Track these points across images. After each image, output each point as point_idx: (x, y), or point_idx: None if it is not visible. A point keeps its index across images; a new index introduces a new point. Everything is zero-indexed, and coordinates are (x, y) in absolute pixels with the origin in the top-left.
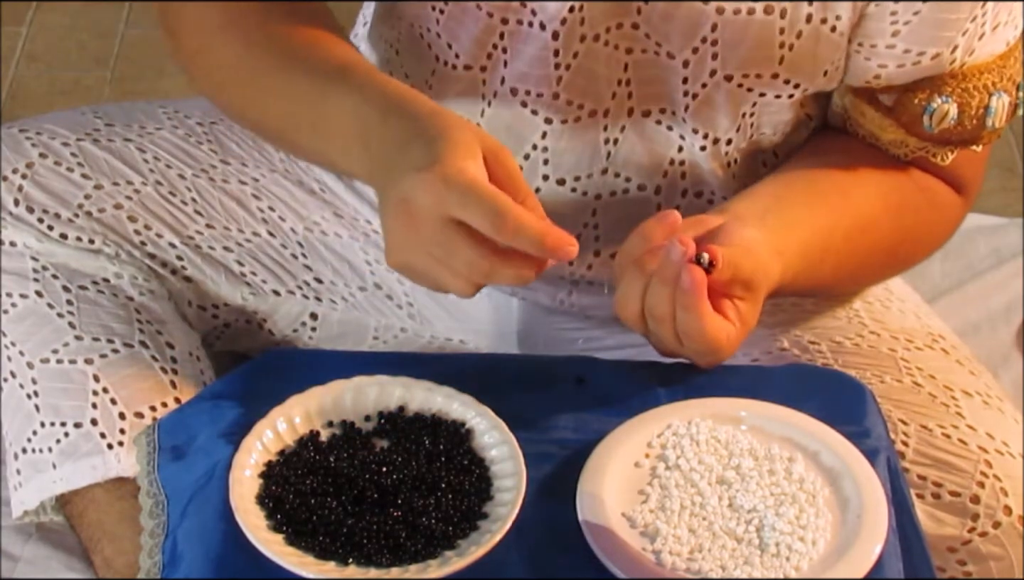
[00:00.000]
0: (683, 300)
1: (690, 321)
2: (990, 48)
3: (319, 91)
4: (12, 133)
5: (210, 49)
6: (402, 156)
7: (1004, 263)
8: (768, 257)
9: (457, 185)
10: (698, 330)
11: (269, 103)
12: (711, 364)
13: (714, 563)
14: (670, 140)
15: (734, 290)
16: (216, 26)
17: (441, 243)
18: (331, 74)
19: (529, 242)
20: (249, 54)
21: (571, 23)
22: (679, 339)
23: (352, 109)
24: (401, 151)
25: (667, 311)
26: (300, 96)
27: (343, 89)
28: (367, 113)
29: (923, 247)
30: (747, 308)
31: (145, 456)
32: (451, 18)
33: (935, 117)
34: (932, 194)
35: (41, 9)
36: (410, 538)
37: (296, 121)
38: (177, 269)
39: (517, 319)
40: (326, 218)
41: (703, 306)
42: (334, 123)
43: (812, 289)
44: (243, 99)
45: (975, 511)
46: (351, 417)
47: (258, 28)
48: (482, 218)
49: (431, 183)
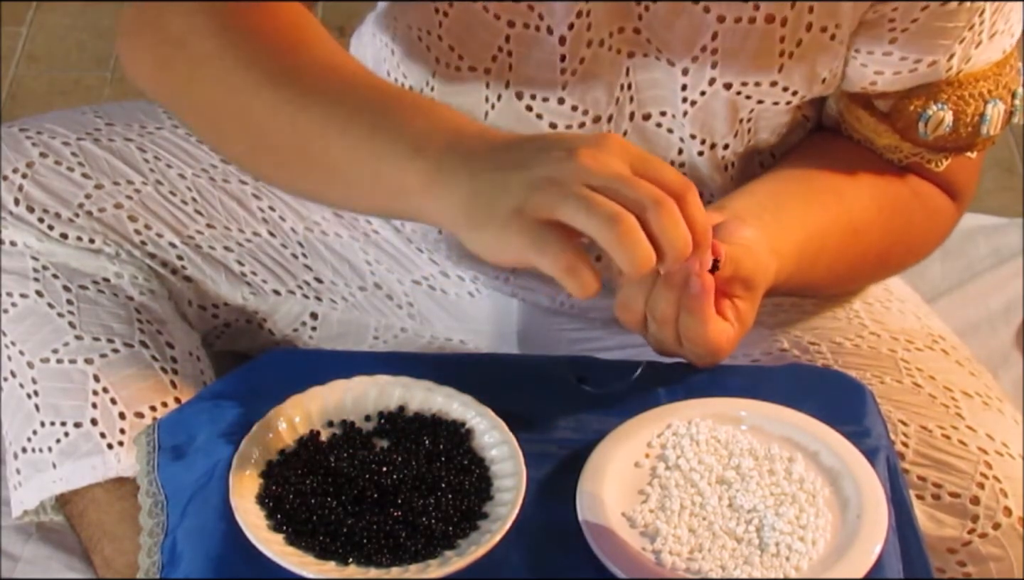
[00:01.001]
0: (689, 304)
1: (694, 325)
2: (987, 56)
3: (365, 153)
4: (12, 132)
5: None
6: (509, 163)
7: (1004, 263)
8: (766, 257)
9: (633, 149)
10: (701, 334)
11: (321, 180)
12: (709, 365)
13: (714, 563)
14: (670, 142)
15: (734, 289)
16: (213, 30)
17: (622, 177)
18: (365, 125)
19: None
20: (256, 82)
21: (578, 28)
22: (679, 341)
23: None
24: (498, 165)
25: (671, 314)
26: (346, 164)
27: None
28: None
29: (914, 252)
30: (746, 307)
31: (145, 456)
32: (456, 20)
33: (930, 124)
34: (925, 199)
35: (41, 9)
36: (410, 538)
37: (358, 193)
38: (177, 269)
39: (517, 319)
40: (326, 218)
41: (708, 311)
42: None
43: (804, 289)
44: (290, 176)
45: (975, 512)
46: (351, 417)
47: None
48: (662, 170)
49: (601, 153)
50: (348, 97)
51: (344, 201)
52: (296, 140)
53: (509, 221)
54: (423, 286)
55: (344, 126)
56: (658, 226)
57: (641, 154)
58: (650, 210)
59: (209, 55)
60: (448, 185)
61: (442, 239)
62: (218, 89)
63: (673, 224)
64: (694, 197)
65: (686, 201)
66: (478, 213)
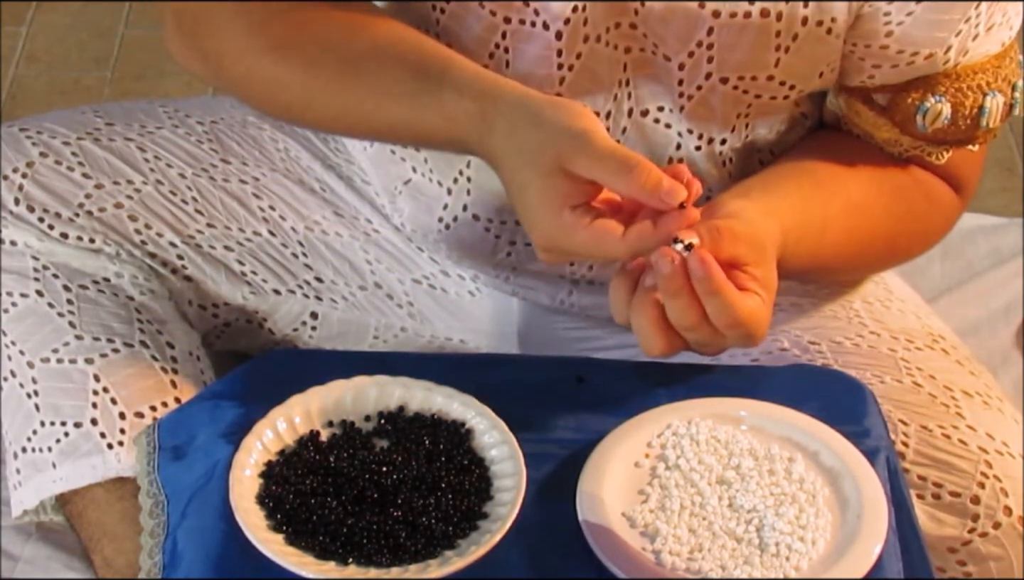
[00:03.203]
0: (705, 287)
1: (722, 306)
2: (984, 48)
3: (405, 109)
4: (12, 132)
5: (260, 74)
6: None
7: (1004, 263)
8: (759, 217)
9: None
10: (732, 311)
11: (352, 123)
12: (757, 342)
13: (714, 563)
14: (668, 138)
15: (741, 257)
16: (261, 49)
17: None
18: (412, 80)
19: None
20: (313, 74)
21: (574, 23)
22: (718, 333)
23: (442, 124)
24: (521, 153)
25: (696, 315)
26: (383, 113)
27: (427, 101)
28: (459, 120)
29: (921, 238)
30: (763, 273)
31: (145, 456)
32: (452, 17)
33: (928, 117)
34: (927, 187)
35: (41, 9)
36: (410, 538)
37: (386, 133)
38: (177, 268)
39: (517, 319)
40: (327, 217)
41: (727, 286)
42: (429, 135)
43: (816, 265)
44: (319, 120)
45: (975, 511)
46: (351, 417)
47: (309, 39)
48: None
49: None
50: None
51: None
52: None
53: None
54: (423, 285)
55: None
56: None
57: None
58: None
59: (250, 74)
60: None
61: (442, 238)
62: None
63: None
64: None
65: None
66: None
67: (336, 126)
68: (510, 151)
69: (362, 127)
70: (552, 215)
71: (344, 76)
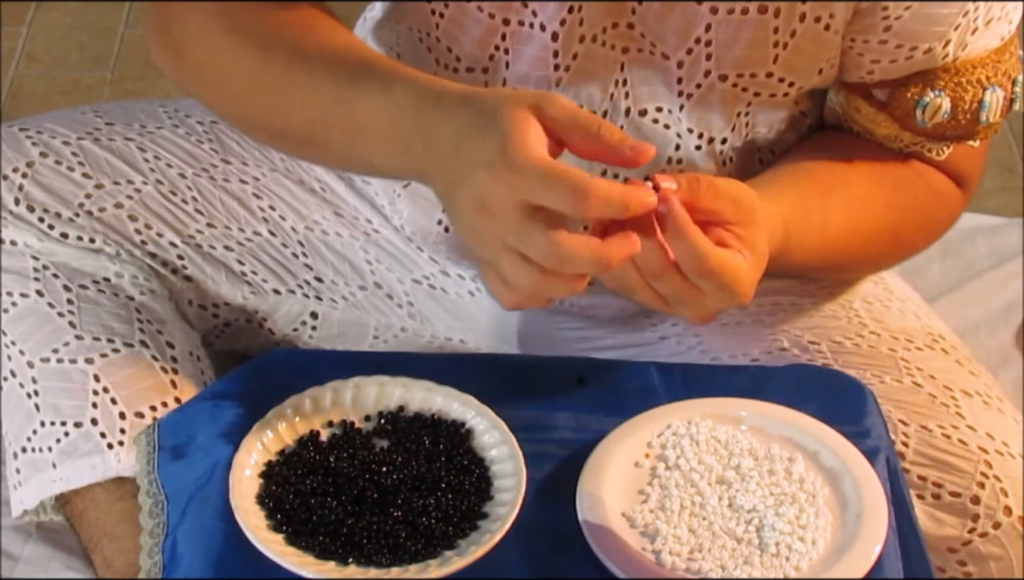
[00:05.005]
0: (668, 225)
1: (686, 246)
2: (983, 43)
3: (346, 91)
4: (12, 132)
5: (219, 56)
6: (458, 153)
7: (1004, 263)
8: (747, 187)
9: (531, 170)
10: (697, 252)
11: (294, 109)
12: (742, 301)
13: (714, 563)
14: (667, 138)
15: (723, 213)
16: (222, 31)
17: (518, 231)
18: (355, 72)
19: (617, 207)
20: (265, 58)
21: (570, 24)
22: (693, 287)
23: (383, 107)
24: (456, 148)
25: (663, 259)
26: (326, 98)
27: (371, 87)
28: (398, 112)
29: (925, 230)
30: (749, 234)
31: (145, 456)
32: (451, 21)
33: (928, 111)
34: (929, 179)
35: (41, 9)
36: (410, 538)
37: (326, 125)
38: (177, 268)
39: (517, 319)
40: (327, 217)
41: (691, 226)
42: (366, 124)
43: (822, 258)
44: (265, 107)
45: (975, 511)
46: (351, 417)
47: (269, 30)
48: (563, 197)
49: (503, 175)
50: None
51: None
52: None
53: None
54: (423, 285)
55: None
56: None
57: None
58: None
59: (210, 57)
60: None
61: (442, 241)
62: (227, 88)
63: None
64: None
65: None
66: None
67: (284, 122)
68: (466, 115)
69: (304, 128)
70: (533, 144)
71: (293, 64)
